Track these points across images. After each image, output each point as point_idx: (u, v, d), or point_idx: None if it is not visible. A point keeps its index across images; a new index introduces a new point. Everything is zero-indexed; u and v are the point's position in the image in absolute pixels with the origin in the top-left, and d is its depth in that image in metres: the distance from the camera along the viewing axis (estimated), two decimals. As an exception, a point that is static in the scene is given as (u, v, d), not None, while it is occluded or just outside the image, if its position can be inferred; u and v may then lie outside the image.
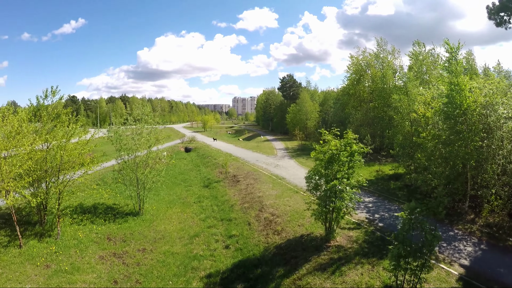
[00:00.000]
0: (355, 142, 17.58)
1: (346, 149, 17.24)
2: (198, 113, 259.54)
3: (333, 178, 16.98)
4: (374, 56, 58.01)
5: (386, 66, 55.43)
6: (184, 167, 47.01)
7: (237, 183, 33.07)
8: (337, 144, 17.38)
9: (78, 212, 25.93)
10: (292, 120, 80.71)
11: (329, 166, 17.34)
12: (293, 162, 43.72)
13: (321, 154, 17.73)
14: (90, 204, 27.85)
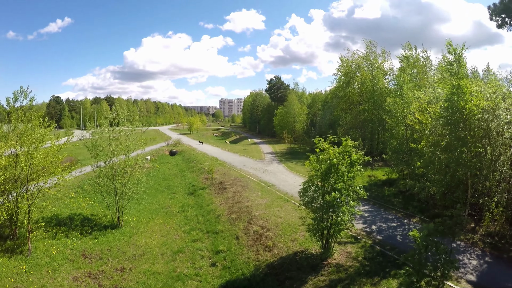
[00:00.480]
0: (354, 150, 15.98)
1: (345, 158, 15.64)
2: (184, 115, 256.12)
3: (331, 190, 15.36)
4: (363, 58, 57.05)
5: (376, 68, 54.64)
6: (168, 172, 44.92)
7: (224, 190, 31.27)
8: (336, 153, 15.75)
9: (53, 224, 23.80)
10: (279, 122, 79.31)
11: (327, 177, 15.71)
12: (282, 167, 42.15)
13: (317, 164, 16.05)
14: (66, 214, 25.73)
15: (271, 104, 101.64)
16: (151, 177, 40.66)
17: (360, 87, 57.13)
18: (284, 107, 78.66)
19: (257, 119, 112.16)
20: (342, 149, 15.99)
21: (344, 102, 59.20)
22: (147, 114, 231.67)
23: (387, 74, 55.44)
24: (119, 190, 23.32)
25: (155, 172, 43.75)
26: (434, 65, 49.43)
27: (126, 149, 24.59)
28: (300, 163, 45.54)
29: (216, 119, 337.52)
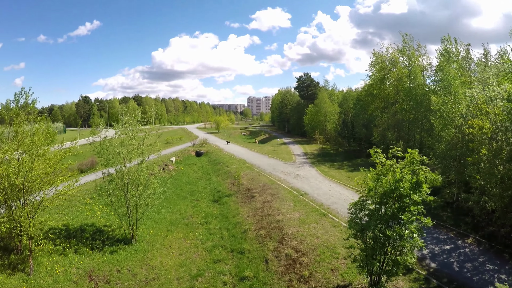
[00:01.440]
0: (422, 167, 12.31)
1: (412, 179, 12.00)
2: (212, 113, 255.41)
3: (390, 219, 11.81)
4: (399, 52, 52.49)
5: (414, 64, 50.05)
6: (193, 175, 42.36)
7: (252, 199, 28.14)
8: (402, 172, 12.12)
9: (63, 235, 21.65)
10: (310, 121, 75.51)
11: (385, 201, 12.16)
12: (315, 172, 38.57)
13: (372, 183, 12.54)
14: (78, 224, 23.61)
15: (300, 103, 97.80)
16: (174, 181, 38.24)
17: (396, 84, 52.65)
18: (315, 106, 74.74)
19: (286, 117, 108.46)
20: (407, 164, 12.35)
21: (378, 100, 54.88)
22: (175, 112, 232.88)
23: (424, 69, 50.76)
24: (132, 202, 20.58)
25: (178, 175, 41.29)
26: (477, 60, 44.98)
27: (140, 154, 21.64)
28: (334, 167, 41.87)
29: (244, 118, 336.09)
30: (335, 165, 42.99)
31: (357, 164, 43.78)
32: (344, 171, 39.55)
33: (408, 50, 52.11)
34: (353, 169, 40.58)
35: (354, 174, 37.36)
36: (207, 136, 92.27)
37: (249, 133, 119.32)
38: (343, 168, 41.17)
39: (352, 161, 46.34)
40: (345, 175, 37.34)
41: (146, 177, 21.52)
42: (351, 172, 38.92)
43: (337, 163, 44.44)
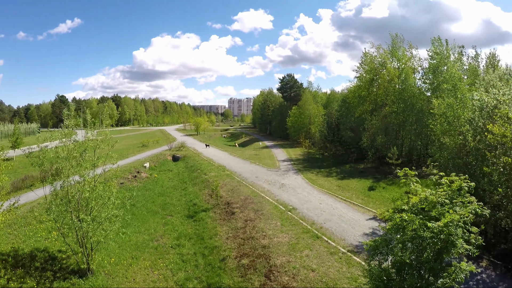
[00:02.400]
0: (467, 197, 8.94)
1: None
2: (193, 114, 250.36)
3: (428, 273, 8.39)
4: (390, 53, 50.10)
5: (403, 65, 47.80)
6: (167, 184, 38.35)
7: (232, 215, 24.46)
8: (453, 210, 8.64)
9: (9, 264, 17.72)
10: (293, 124, 72.44)
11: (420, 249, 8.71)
12: (301, 180, 35.25)
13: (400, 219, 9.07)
14: (28, 249, 19.66)
15: (283, 104, 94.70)
16: (146, 191, 34.20)
17: (386, 85, 50.19)
18: (299, 108, 71.71)
19: (268, 119, 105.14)
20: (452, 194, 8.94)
21: (367, 103, 52.32)
22: (155, 113, 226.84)
23: (416, 71, 48.59)
24: (84, 226, 16.52)
25: (151, 184, 37.21)
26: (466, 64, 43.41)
27: (91, 167, 17.71)
28: (321, 174, 38.67)
29: (225, 119, 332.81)
30: (322, 172, 39.81)
31: (346, 171, 40.81)
32: (334, 179, 36.39)
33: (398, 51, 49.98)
34: (343, 176, 37.53)
35: (345, 183, 34.28)
36: (185, 138, 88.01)
37: (230, 135, 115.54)
38: (331, 176, 38.02)
39: (340, 167, 43.32)
40: (335, 184, 34.18)
41: (102, 195, 17.40)
42: (341, 180, 35.82)
43: (325, 170, 41.29)
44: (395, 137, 45.21)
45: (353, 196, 29.51)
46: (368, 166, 43.30)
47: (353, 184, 34.09)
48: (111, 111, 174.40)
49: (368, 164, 43.95)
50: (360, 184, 34.08)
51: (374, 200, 28.42)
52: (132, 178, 38.10)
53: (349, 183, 34.33)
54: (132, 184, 36.02)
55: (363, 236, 19.89)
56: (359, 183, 34.26)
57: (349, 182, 34.69)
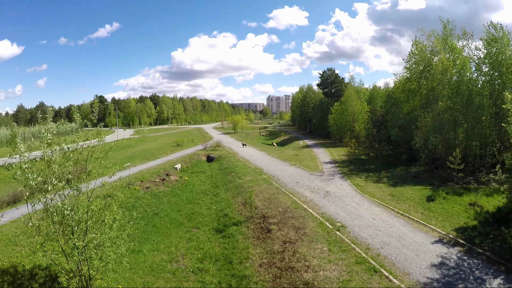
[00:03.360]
0: None
1: None
2: (231, 112, 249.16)
3: None
4: (442, 40, 43.71)
5: (458, 54, 41.54)
6: (198, 188, 34.89)
7: (268, 233, 20.23)
8: None
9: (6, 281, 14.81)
10: (336, 122, 66.93)
11: None
12: (349, 187, 30.40)
13: None
14: (30, 266, 16.89)
15: (324, 101, 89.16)
16: (173, 197, 30.83)
17: (440, 77, 43.85)
18: (341, 104, 66.09)
19: (308, 117, 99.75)
20: None
21: (417, 98, 46.25)
22: (193, 112, 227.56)
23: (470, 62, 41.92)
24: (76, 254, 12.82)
25: (180, 189, 33.86)
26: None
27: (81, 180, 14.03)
28: (370, 179, 33.57)
29: (264, 116, 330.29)
30: (371, 177, 34.64)
31: (397, 175, 35.40)
32: (385, 185, 31.19)
33: (452, 39, 43.71)
34: (395, 182, 32.20)
35: (398, 191, 29.06)
36: (222, 137, 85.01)
37: (268, 133, 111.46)
38: (382, 181, 32.80)
39: (390, 171, 37.86)
40: (387, 192, 29.02)
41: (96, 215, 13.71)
42: (393, 187, 30.56)
43: (374, 174, 36.03)
44: (453, 137, 39.00)
45: (410, 209, 24.43)
46: (421, 170, 37.64)
47: (408, 192, 28.80)
48: (149, 110, 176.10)
49: (421, 167, 38.28)
50: (416, 192, 28.74)
51: (435, 214, 23.29)
52: (160, 182, 34.92)
53: (403, 192, 29.05)
54: (158, 189, 32.79)
55: (432, 269, 15.13)
56: (415, 192, 28.92)
57: (403, 190, 29.40)
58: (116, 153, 66.70)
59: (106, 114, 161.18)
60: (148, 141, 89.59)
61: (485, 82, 38.25)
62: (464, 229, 20.57)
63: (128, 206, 27.32)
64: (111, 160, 58.48)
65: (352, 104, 63.07)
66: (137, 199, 29.18)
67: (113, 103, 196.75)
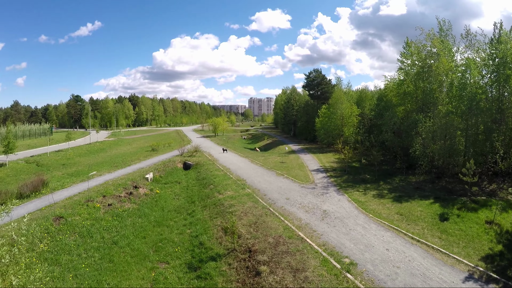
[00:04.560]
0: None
1: None
2: (212, 114, 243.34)
3: None
4: (441, 41, 40.50)
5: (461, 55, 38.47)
6: (170, 203, 29.81)
7: (256, 277, 15.33)
8: None
9: None
10: (323, 125, 62.65)
11: None
12: (348, 203, 25.97)
13: None
14: None
15: (310, 103, 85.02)
16: (138, 218, 25.63)
17: (440, 79, 40.52)
18: (330, 107, 61.89)
19: (292, 120, 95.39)
20: None
21: (413, 101, 42.76)
22: (174, 113, 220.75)
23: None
24: None
25: (149, 205, 28.66)
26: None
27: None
28: (370, 192, 29.44)
29: (245, 119, 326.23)
30: (370, 189, 30.43)
31: (398, 186, 31.63)
32: (388, 200, 26.98)
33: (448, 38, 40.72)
34: (399, 196, 28.12)
35: (405, 207, 25.11)
36: (201, 140, 79.80)
37: (250, 136, 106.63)
38: (384, 195, 28.61)
39: (389, 181, 33.83)
40: (393, 209, 24.78)
41: None
42: (398, 202, 26.43)
43: (372, 186, 31.85)
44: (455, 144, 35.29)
45: (425, 233, 20.36)
46: (421, 179, 33.80)
47: (417, 209, 24.69)
48: (128, 111, 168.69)
49: (421, 177, 34.40)
50: (426, 209, 24.70)
51: (455, 238, 19.49)
52: (126, 197, 29.59)
53: (411, 209, 24.90)
54: (123, 207, 27.46)
55: None
56: (424, 208, 24.88)
57: (411, 207, 25.26)
58: (86, 158, 60.63)
59: (83, 114, 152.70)
60: (123, 144, 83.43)
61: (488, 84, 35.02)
62: (491, 257, 17.02)
63: (82, 231, 22.03)
64: (78, 166, 52.52)
65: (341, 107, 58.93)
66: (96, 221, 23.86)
67: (90, 103, 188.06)
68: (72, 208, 25.17)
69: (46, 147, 68.60)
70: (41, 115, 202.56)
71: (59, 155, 60.39)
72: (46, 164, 53.16)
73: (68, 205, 25.84)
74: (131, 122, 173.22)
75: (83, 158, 60.01)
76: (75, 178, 37.20)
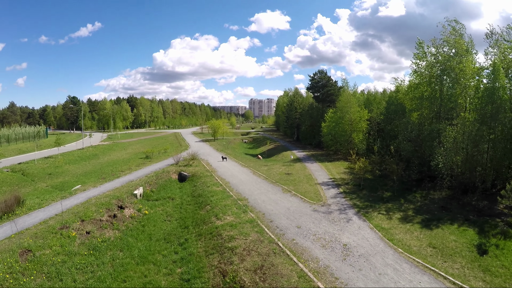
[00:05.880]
0: None
1: None
2: (212, 115, 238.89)
3: None
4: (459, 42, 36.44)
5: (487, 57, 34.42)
6: (160, 229, 25.51)
7: None
8: None
9: None
10: (330, 131, 58.30)
11: None
12: (371, 232, 21.73)
13: None
14: None
15: (314, 106, 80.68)
16: (120, 252, 21.30)
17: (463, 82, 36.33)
18: (338, 110, 57.49)
19: (296, 123, 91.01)
20: None
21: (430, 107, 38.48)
22: (173, 114, 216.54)
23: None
24: None
25: (134, 233, 24.35)
26: None
27: None
28: (393, 214, 25.39)
29: (246, 120, 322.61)
30: (392, 210, 26.29)
31: (422, 205, 27.79)
32: (416, 226, 23.06)
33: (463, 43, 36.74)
34: (426, 220, 24.26)
35: (437, 235, 21.82)
36: (200, 145, 75.50)
37: (251, 140, 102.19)
38: (409, 218, 24.64)
39: (409, 198, 30.02)
40: (424, 239, 20.94)
41: None
42: (428, 228, 22.58)
43: (392, 205, 27.76)
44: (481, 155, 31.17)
45: (466, 273, 16.89)
46: (444, 196, 29.65)
47: (449, 238, 20.87)
48: (125, 113, 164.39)
49: (443, 193, 30.28)
50: (460, 238, 21.04)
51: (499, 280, 16.12)
52: (108, 221, 25.26)
53: (444, 237, 20.98)
54: (103, 235, 23.12)
55: None
56: (457, 237, 21.19)
57: (443, 235, 21.42)
58: (76, 166, 56.31)
59: (80, 116, 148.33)
60: (118, 149, 79.16)
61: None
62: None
63: (51, 271, 17.80)
64: (65, 176, 48.22)
65: (350, 111, 54.60)
66: (68, 256, 19.60)
67: (88, 104, 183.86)
68: (43, 238, 20.97)
69: (35, 153, 64.33)
70: (38, 116, 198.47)
71: (47, 163, 56.10)
72: (32, 174, 48.93)
73: (39, 233, 21.63)
74: (129, 124, 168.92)
75: (73, 166, 55.69)
76: (56, 195, 32.90)
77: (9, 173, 46.78)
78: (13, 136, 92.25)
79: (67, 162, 58.26)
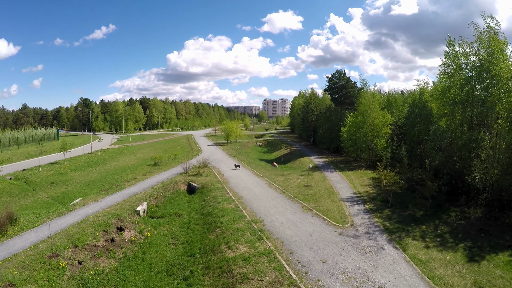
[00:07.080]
0: None
1: None
2: (226, 116, 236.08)
3: None
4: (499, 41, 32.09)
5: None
6: (163, 256, 22.28)
7: None
8: None
9: None
10: (351, 136, 54.35)
11: None
12: (407, 267, 18.30)
13: None
14: None
15: (332, 108, 76.58)
16: (117, 284, 18.12)
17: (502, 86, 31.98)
18: (360, 114, 53.43)
19: (312, 126, 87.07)
20: None
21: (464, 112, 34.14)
22: (186, 115, 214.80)
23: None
24: None
25: (132, 263, 21.14)
26: None
27: None
28: (428, 240, 21.84)
29: (260, 121, 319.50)
30: (427, 235, 22.75)
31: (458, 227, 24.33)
32: (457, 256, 19.74)
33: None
34: (469, 247, 21.03)
35: (481, 269, 19.01)
36: (212, 150, 72.47)
37: (266, 143, 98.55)
38: (447, 245, 21.15)
39: (443, 217, 26.25)
40: (467, 276, 18.13)
41: None
42: (470, 260, 19.82)
43: (427, 227, 24.15)
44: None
45: None
46: (480, 215, 25.69)
47: (495, 273, 18.50)
48: (138, 114, 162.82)
49: (478, 210, 26.33)
50: (507, 272, 17.68)
51: None
52: (104, 247, 22.15)
53: (489, 271, 18.50)
54: (97, 266, 20.00)
55: None
56: (503, 270, 17.92)
57: (488, 268, 18.63)
58: (81, 173, 53.77)
59: (91, 118, 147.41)
60: (127, 153, 76.70)
61: None
62: None
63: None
64: (68, 185, 45.60)
65: (372, 115, 50.55)
66: (52, 293, 16.55)
67: (101, 105, 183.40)
68: (30, 269, 18.04)
69: (40, 158, 62.25)
70: (52, 117, 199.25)
71: (52, 169, 53.76)
72: (34, 182, 46.56)
73: (27, 262, 18.73)
74: (141, 126, 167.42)
75: (78, 174, 53.17)
76: (53, 210, 30.13)
77: (11, 182, 44.45)
78: (23, 139, 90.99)
79: (72, 169, 55.87)
